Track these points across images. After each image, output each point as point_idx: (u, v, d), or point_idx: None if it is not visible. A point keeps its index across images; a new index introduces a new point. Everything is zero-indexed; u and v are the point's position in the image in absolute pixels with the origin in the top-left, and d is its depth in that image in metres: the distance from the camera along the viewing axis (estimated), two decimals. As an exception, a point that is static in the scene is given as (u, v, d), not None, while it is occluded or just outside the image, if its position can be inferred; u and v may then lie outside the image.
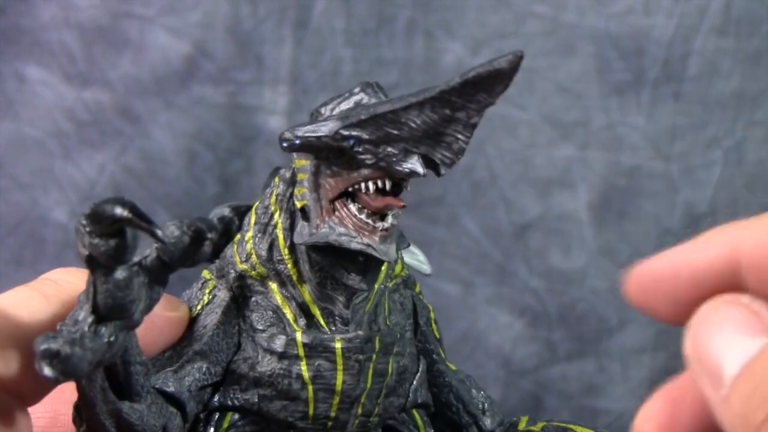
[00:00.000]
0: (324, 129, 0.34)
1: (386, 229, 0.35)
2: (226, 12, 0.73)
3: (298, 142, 0.34)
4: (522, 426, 0.41)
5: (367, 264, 0.36)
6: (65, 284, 0.35)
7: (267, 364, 0.36)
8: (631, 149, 0.75)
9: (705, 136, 0.75)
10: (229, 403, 0.37)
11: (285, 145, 0.34)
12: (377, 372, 0.37)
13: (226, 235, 0.38)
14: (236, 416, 0.37)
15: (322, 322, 0.37)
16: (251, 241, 0.37)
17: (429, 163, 0.33)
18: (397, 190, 0.35)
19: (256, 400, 0.37)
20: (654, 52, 0.74)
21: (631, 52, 0.74)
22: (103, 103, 0.74)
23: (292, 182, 0.36)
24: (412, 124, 0.33)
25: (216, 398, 0.37)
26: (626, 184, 0.75)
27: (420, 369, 0.40)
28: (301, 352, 0.36)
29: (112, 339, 0.31)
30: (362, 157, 0.34)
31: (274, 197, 0.37)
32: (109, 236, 0.30)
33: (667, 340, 0.75)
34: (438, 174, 0.34)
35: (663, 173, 0.75)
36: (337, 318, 0.37)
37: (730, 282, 0.28)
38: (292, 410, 0.37)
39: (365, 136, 0.33)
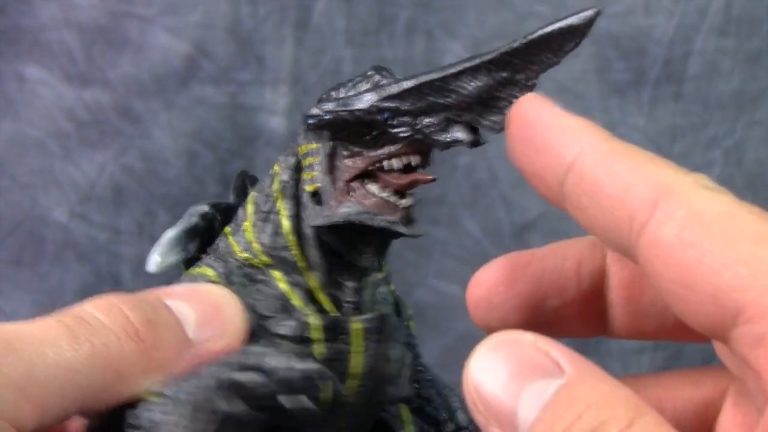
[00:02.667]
0: (358, 103, 0.33)
1: (408, 207, 0.34)
2: (226, 12, 0.73)
3: (327, 117, 0.33)
4: None
5: (384, 244, 0.35)
6: (98, 325, 0.30)
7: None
8: (631, 149, 0.75)
9: (705, 136, 0.75)
10: None
11: (311, 121, 0.33)
12: (385, 356, 0.37)
13: (209, 232, 0.37)
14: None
15: (330, 308, 0.36)
16: (250, 230, 0.36)
17: (472, 130, 0.32)
18: (423, 166, 0.34)
19: None
20: (654, 52, 0.74)
21: (631, 52, 0.74)
22: (103, 103, 0.74)
23: (297, 169, 0.36)
24: (463, 91, 0.31)
25: None
26: (626, 184, 0.75)
27: (408, 362, 0.39)
28: (317, 335, 0.35)
29: None
30: (396, 130, 0.33)
31: (277, 185, 0.36)
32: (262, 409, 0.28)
33: (666, 341, 0.75)
34: (479, 143, 0.33)
35: (663, 173, 0.75)
36: (344, 304, 0.36)
37: None
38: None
39: (403, 107, 0.32)
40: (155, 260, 0.36)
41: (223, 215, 0.38)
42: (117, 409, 0.30)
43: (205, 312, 0.33)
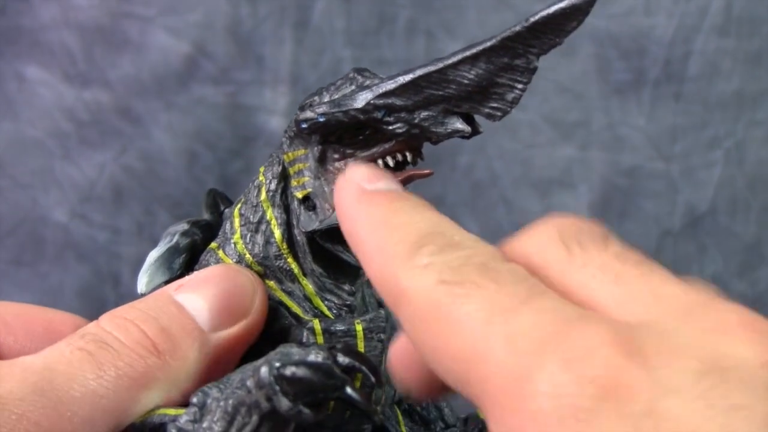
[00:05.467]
0: (353, 102, 0.32)
1: None
2: (226, 12, 0.73)
3: (322, 119, 0.33)
4: (482, 416, 0.40)
5: None
6: (119, 347, 0.31)
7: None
8: (631, 149, 0.75)
9: (705, 137, 0.75)
10: None
11: (305, 125, 0.33)
12: (387, 357, 0.36)
13: (192, 249, 0.37)
14: None
15: (327, 313, 0.36)
16: (240, 242, 0.36)
17: (467, 120, 0.32)
18: (415, 162, 0.34)
19: None
20: (655, 52, 0.74)
21: (631, 52, 0.74)
22: (103, 103, 0.74)
23: (284, 177, 0.36)
24: (463, 80, 0.31)
25: None
26: (626, 184, 0.75)
27: None
28: (321, 339, 0.35)
29: None
30: (392, 127, 0.32)
31: (264, 194, 0.36)
32: (307, 405, 0.27)
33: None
34: (477, 132, 0.32)
35: (663, 173, 0.75)
36: (342, 308, 0.36)
37: None
38: None
39: (399, 103, 0.32)
40: (144, 281, 0.36)
41: (203, 232, 0.38)
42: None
43: (217, 298, 0.33)
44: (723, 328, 0.23)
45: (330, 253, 0.35)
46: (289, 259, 0.36)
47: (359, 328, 0.35)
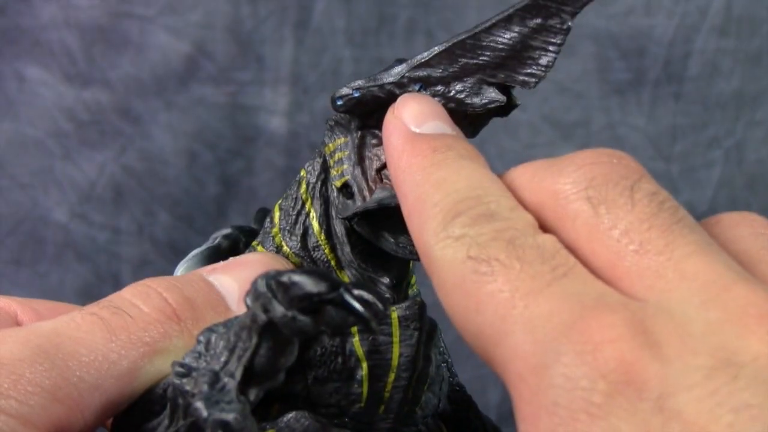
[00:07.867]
0: (388, 76, 0.32)
1: None
2: (227, 12, 0.73)
3: (357, 95, 0.32)
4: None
5: None
6: (136, 313, 0.30)
7: (317, 344, 0.34)
8: (631, 149, 0.75)
9: (705, 137, 0.75)
10: (276, 392, 0.34)
11: (340, 102, 0.33)
12: (425, 355, 0.35)
13: (233, 252, 0.37)
14: (283, 408, 0.34)
15: None
16: (278, 234, 0.36)
17: (503, 92, 0.32)
18: None
19: (308, 383, 0.34)
20: (655, 52, 0.74)
21: (631, 52, 0.74)
22: (103, 103, 0.74)
23: (324, 169, 0.35)
24: (497, 45, 0.31)
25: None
26: (626, 184, 0.75)
27: (445, 376, 0.38)
28: (354, 328, 0.34)
29: (255, 401, 0.28)
30: None
31: (304, 187, 0.36)
32: (303, 311, 0.27)
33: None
34: (513, 105, 0.32)
35: (663, 173, 0.75)
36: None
37: None
38: (345, 392, 0.34)
39: (435, 75, 0.32)
40: (179, 273, 0.36)
41: (247, 237, 0.38)
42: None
43: (248, 280, 0.32)
44: (740, 319, 0.22)
45: (370, 244, 0.35)
46: (327, 250, 0.35)
47: (394, 315, 0.34)
